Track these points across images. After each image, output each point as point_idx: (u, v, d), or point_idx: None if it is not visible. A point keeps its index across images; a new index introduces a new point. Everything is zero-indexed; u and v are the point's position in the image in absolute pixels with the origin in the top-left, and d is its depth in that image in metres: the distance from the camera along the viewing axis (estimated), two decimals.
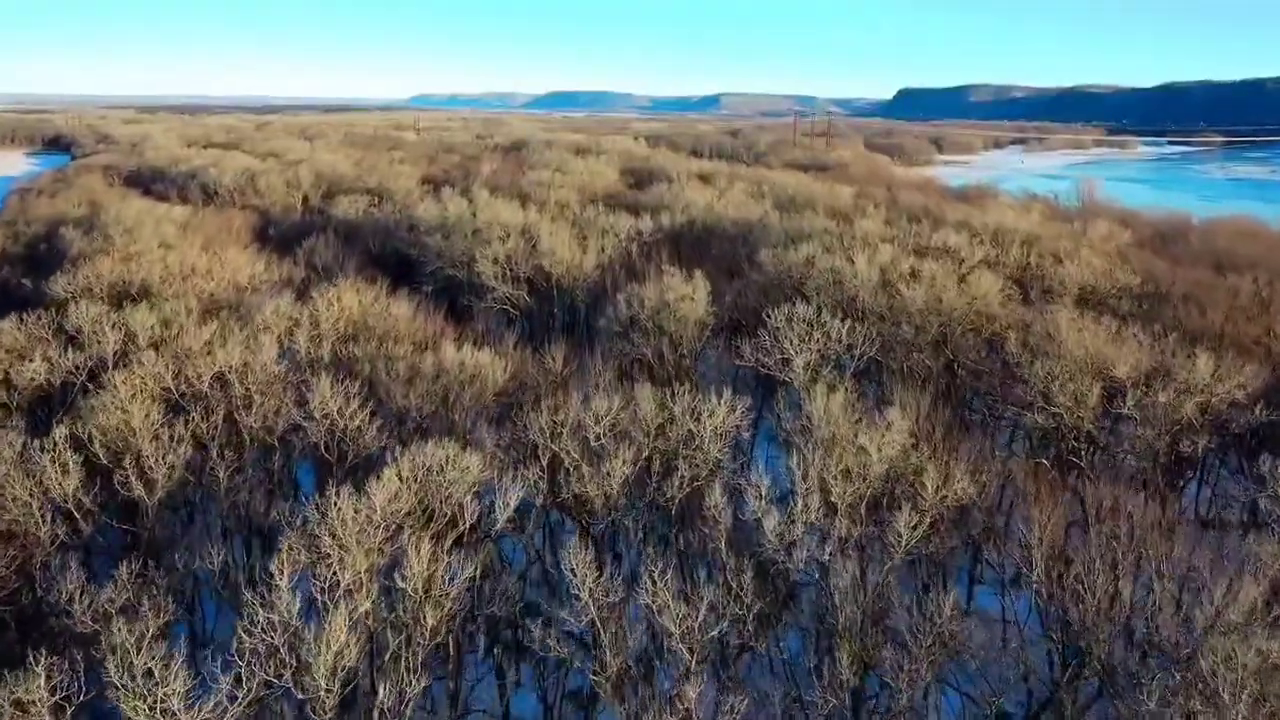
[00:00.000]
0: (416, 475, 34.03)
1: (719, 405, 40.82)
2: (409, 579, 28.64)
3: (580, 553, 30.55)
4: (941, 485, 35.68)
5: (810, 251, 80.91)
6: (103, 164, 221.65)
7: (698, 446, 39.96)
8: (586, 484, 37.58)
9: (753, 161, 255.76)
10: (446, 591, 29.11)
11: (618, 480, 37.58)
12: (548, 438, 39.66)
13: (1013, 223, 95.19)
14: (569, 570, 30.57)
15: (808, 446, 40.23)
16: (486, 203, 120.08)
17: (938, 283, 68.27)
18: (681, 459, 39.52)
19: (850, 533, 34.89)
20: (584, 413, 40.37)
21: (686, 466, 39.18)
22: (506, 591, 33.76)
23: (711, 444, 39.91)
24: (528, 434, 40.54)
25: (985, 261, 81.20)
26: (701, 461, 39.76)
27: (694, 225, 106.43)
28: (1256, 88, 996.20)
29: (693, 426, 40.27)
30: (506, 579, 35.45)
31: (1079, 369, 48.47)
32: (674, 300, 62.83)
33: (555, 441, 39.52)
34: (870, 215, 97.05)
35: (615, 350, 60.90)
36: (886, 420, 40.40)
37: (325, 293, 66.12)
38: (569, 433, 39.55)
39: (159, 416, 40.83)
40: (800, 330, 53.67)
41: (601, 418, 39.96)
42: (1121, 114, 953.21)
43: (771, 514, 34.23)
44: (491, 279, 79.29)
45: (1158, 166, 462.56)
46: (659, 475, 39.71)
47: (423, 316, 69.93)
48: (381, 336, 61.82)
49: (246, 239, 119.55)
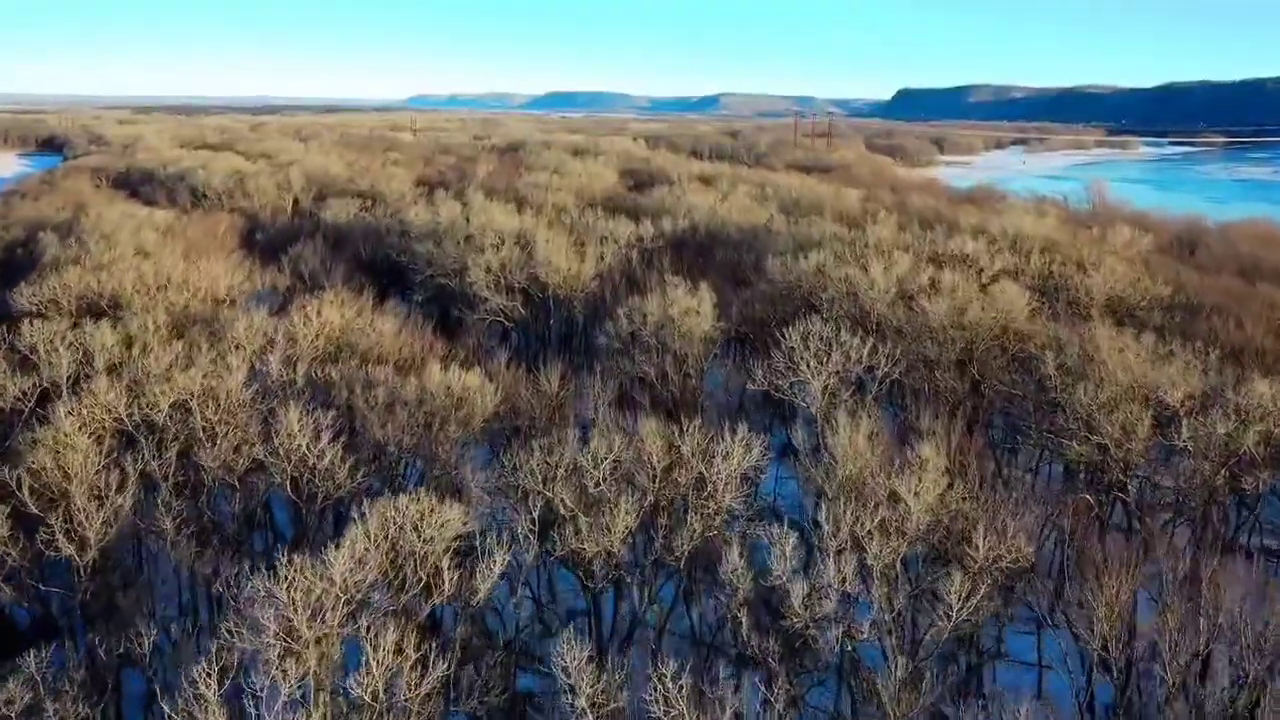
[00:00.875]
0: (388, 532, 29.66)
1: (734, 445, 36.31)
2: (365, 684, 24.19)
3: (574, 647, 26.03)
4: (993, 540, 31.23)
5: (820, 260, 76.56)
6: (92, 165, 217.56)
7: (709, 494, 35.51)
8: (584, 539, 33.16)
9: (753, 163, 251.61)
10: (414, 695, 24.62)
11: (619, 535, 33.16)
12: (540, 481, 35.25)
13: (1030, 228, 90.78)
14: (559, 669, 26.02)
15: (830, 484, 35.89)
16: (481, 206, 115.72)
17: (959, 295, 63.92)
18: (692, 508, 35.08)
19: (889, 602, 30.44)
20: (581, 454, 35.91)
21: (698, 517, 34.72)
22: (488, 684, 29.21)
23: (726, 490, 35.44)
24: (518, 475, 36.09)
25: (1006, 271, 76.86)
26: (714, 511, 35.28)
27: (697, 231, 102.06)
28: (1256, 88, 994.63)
29: (704, 470, 35.84)
30: (490, 659, 30.87)
31: (1125, 394, 44.15)
32: (678, 315, 58.46)
33: (549, 486, 35.11)
34: (881, 221, 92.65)
35: (615, 369, 56.53)
36: (919, 456, 36.00)
37: (305, 306, 61.72)
38: (564, 476, 35.11)
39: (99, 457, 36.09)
40: (816, 350, 49.29)
41: (601, 459, 35.53)
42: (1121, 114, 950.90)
43: (799, 582, 29.83)
44: (484, 289, 74.87)
45: (1160, 167, 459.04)
46: (666, 528, 35.25)
47: (410, 331, 65.53)
48: (364, 355, 57.43)
49: (232, 244, 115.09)
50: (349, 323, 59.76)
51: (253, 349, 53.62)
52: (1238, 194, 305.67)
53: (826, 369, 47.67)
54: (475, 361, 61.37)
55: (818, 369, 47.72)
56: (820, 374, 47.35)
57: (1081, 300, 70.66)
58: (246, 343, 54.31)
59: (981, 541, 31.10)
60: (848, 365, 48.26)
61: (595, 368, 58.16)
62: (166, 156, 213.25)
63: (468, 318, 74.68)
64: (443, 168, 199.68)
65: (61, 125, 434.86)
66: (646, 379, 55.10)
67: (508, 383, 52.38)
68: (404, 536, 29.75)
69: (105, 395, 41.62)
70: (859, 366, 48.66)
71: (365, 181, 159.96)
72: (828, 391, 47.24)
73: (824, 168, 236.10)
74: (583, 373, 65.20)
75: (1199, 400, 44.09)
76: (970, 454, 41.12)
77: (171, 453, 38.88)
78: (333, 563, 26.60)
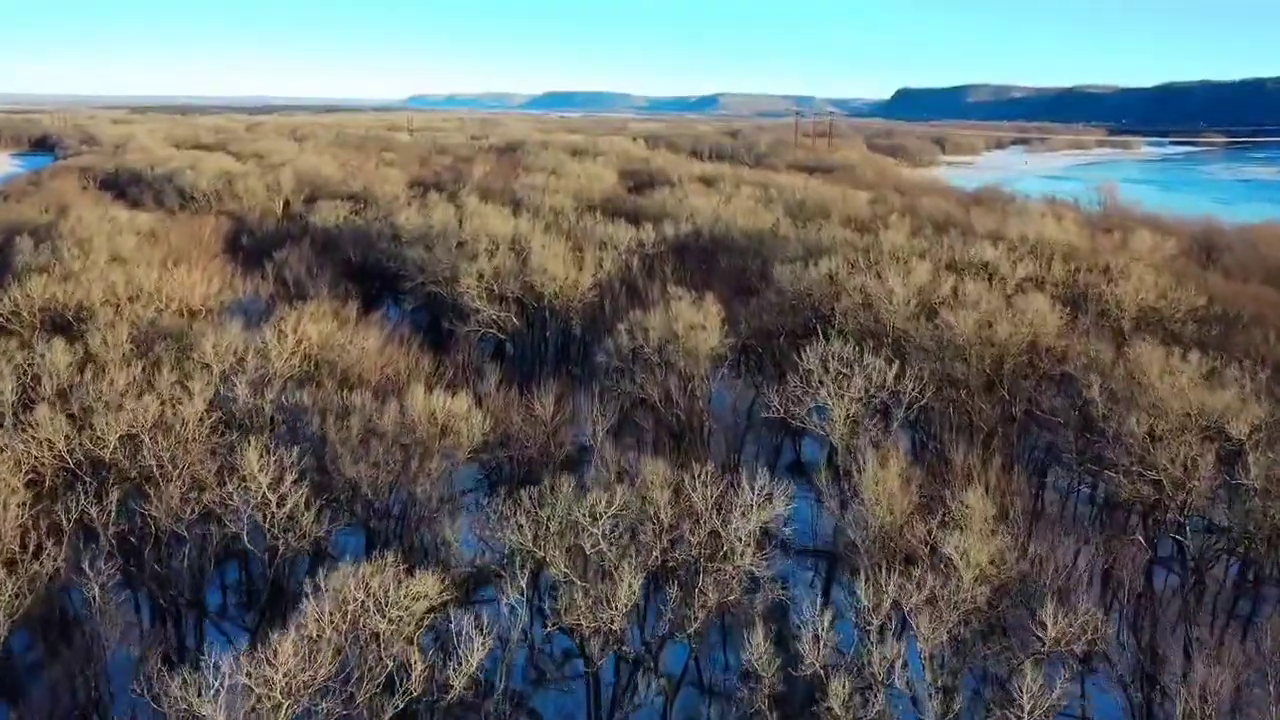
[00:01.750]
0: (347, 612, 25.21)
1: (752, 496, 31.72)
2: None
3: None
4: (1064, 616, 26.71)
5: (832, 268, 72.18)
6: (81, 166, 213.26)
7: (725, 554, 30.99)
8: (581, 613, 28.69)
9: (754, 163, 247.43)
10: None
11: (622, 608, 28.66)
12: (530, 539, 30.81)
13: (1051, 233, 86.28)
14: None
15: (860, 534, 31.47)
16: (475, 210, 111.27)
17: (984, 307, 59.50)
18: (704, 571, 30.56)
19: (947, 704, 25.81)
20: (578, 506, 31.36)
21: (712, 584, 30.19)
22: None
23: (744, 552, 30.87)
24: (504, 531, 31.63)
25: (1029, 279, 72.47)
26: (731, 576, 30.72)
27: (699, 236, 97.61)
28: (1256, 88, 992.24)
29: (719, 528, 31.31)
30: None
31: (1181, 424, 39.83)
32: (683, 330, 54.05)
33: (540, 544, 30.67)
34: (894, 225, 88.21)
35: (615, 390, 52.13)
36: (963, 504, 31.66)
37: (282, 321, 57.30)
38: (558, 533, 30.67)
39: (20, 509, 31.38)
40: (836, 372, 44.88)
41: (600, 514, 31.01)
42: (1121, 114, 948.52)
43: (838, 677, 25.31)
44: (476, 299, 70.38)
45: (1163, 167, 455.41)
46: (678, 599, 30.72)
47: (395, 346, 61.11)
48: (344, 374, 52.98)
49: (216, 249, 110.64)
50: (328, 338, 55.25)
51: (221, 369, 49.16)
52: (1243, 194, 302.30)
53: (848, 394, 43.28)
54: (464, 381, 57.00)
55: (838, 394, 43.32)
56: (841, 399, 42.96)
57: (1111, 312, 66.24)
58: (215, 362, 49.85)
59: (1051, 620, 26.68)
60: (871, 390, 43.86)
61: (593, 387, 53.72)
62: (156, 157, 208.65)
63: (458, 330, 70.22)
64: (438, 168, 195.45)
65: (55, 125, 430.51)
66: (649, 400, 50.72)
67: (498, 407, 47.99)
68: (366, 616, 25.41)
69: (46, 427, 37.20)
70: (884, 392, 44.24)
71: (358, 183, 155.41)
72: (849, 419, 42.84)
73: (826, 168, 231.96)
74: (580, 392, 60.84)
75: (1265, 431, 39.76)
76: (1012, 494, 36.75)
77: (112, 498, 34.36)
78: (275, 657, 22.21)
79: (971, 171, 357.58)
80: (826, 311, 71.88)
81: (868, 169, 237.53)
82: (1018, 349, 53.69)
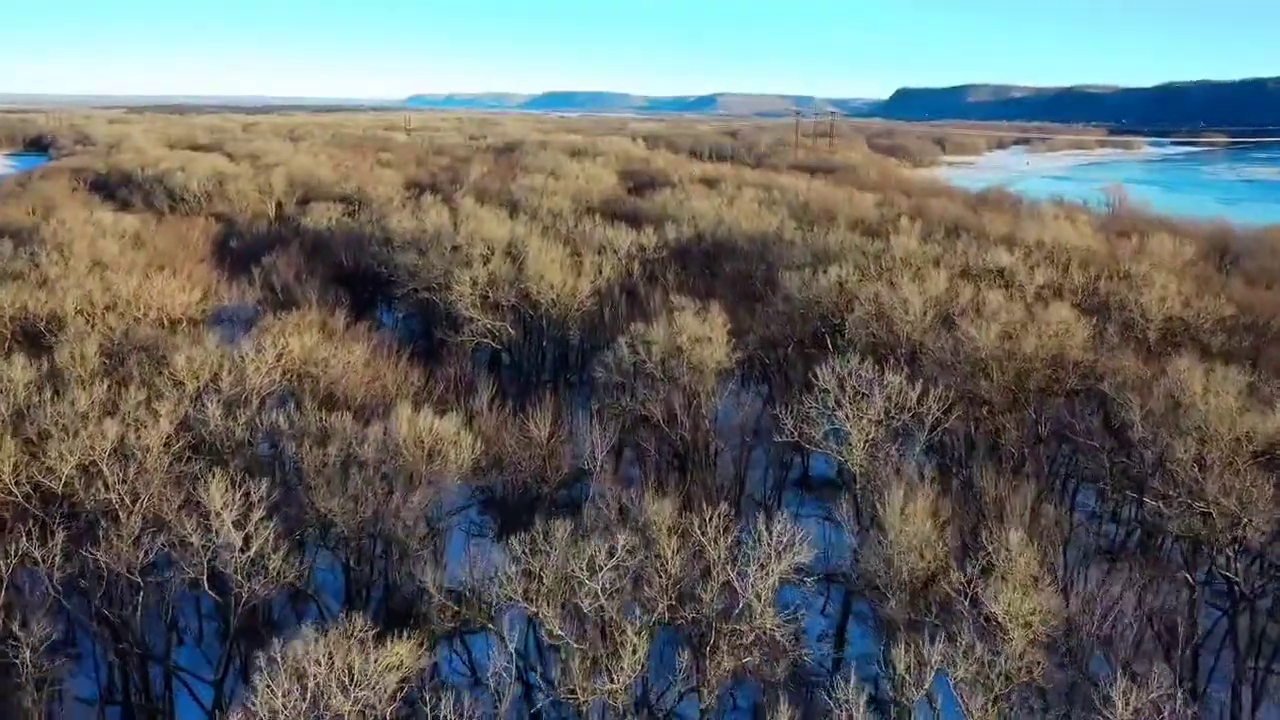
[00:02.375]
0: (305, 689, 21.94)
1: (770, 545, 28.19)
2: None
3: None
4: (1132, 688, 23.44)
5: (842, 275, 68.98)
6: (72, 167, 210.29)
7: (742, 613, 27.63)
8: (578, 682, 25.39)
9: (755, 163, 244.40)
10: None
11: (625, 679, 25.36)
12: (519, 593, 27.51)
13: (1067, 237, 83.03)
14: None
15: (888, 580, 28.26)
16: (471, 212, 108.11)
17: (1004, 318, 56.28)
18: (719, 633, 27.19)
19: None
20: (574, 560, 27.98)
21: (727, 648, 26.82)
22: None
23: (764, 612, 27.47)
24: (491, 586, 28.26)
25: (1049, 287, 69.27)
26: (750, 641, 27.28)
27: (702, 239, 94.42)
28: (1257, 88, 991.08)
29: (735, 582, 27.90)
30: None
31: (1232, 449, 36.67)
32: (688, 344, 50.83)
33: (532, 599, 27.36)
34: (904, 230, 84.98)
35: (615, 408, 48.92)
36: (1004, 548, 28.45)
37: (263, 335, 54.15)
38: (552, 589, 27.35)
39: None
40: (853, 390, 41.63)
41: (600, 566, 27.64)
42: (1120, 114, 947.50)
43: None
44: (470, 308, 67.14)
45: (1165, 167, 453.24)
46: (688, 666, 27.44)
47: (383, 357, 57.88)
48: (327, 391, 49.76)
49: (203, 253, 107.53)
50: (310, 352, 52.00)
51: (195, 386, 45.92)
52: (1247, 194, 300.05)
53: (867, 415, 40.08)
54: (454, 396, 53.81)
55: (856, 415, 40.10)
56: (860, 421, 39.74)
57: (1136, 322, 63.03)
58: (189, 378, 46.61)
59: (1121, 698, 23.32)
60: (892, 411, 40.64)
61: (592, 404, 50.50)
62: (148, 157, 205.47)
63: (450, 340, 67.00)
64: (435, 169, 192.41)
65: (50, 124, 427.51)
66: (651, 418, 47.48)
67: (490, 428, 44.78)
68: (329, 695, 22.19)
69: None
70: (905, 413, 41.01)
71: (352, 184, 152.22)
72: (868, 443, 39.61)
73: (828, 169, 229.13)
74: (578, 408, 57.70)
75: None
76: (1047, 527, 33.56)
77: (58, 539, 31.03)
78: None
79: (973, 172, 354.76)
80: (836, 321, 68.77)
81: (871, 169, 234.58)
82: (1043, 363, 50.49)
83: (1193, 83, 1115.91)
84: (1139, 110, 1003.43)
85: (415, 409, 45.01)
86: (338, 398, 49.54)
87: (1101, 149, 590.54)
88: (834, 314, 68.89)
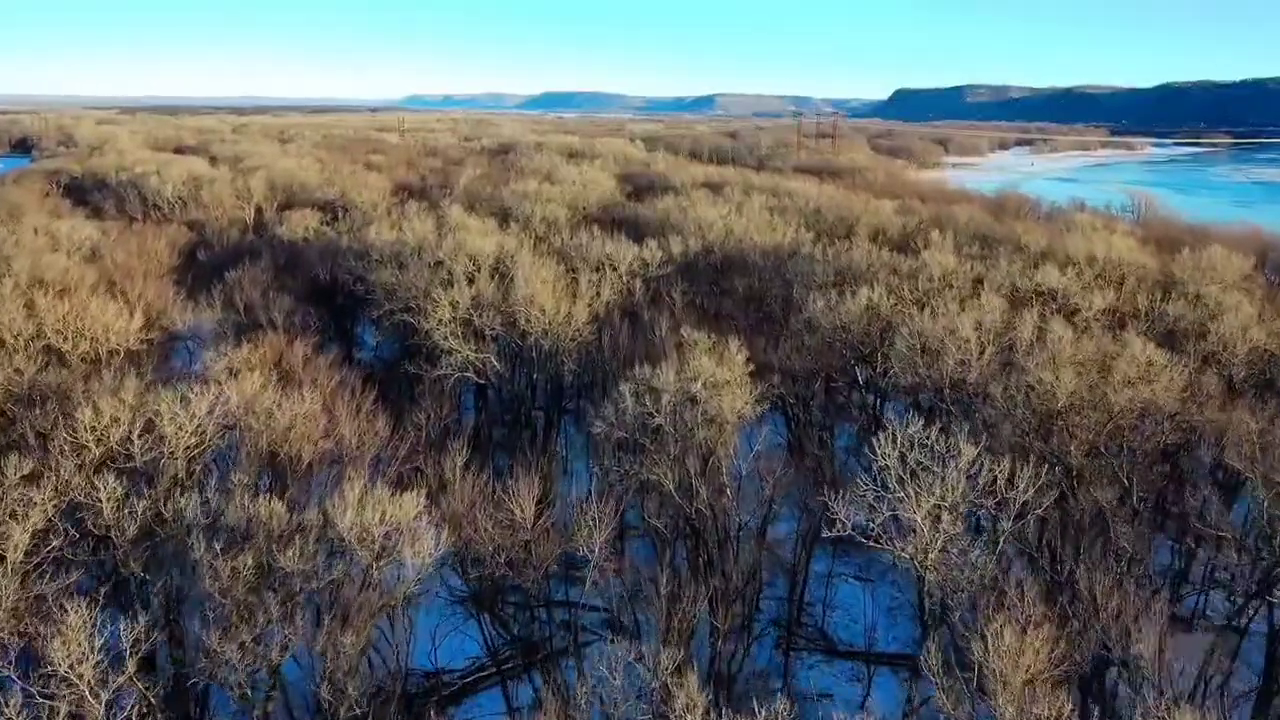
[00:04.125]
0: None
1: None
2: None
3: None
4: None
5: (874, 299, 60.41)
6: (48, 170, 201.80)
7: None
8: None
9: (757, 165, 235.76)
10: None
11: None
12: None
13: (1121, 251, 74.28)
14: None
15: None
16: (458, 222, 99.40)
17: (1069, 353, 47.66)
18: None
19: None
20: None
21: None
22: None
23: None
24: None
25: (1111, 313, 60.70)
26: None
27: (710, 252, 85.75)
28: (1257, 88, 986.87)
29: None
30: None
31: None
32: (703, 391, 42.18)
33: None
34: (936, 244, 76.32)
35: (617, 476, 40.26)
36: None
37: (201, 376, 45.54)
38: None
39: None
40: (917, 466, 32.92)
41: None
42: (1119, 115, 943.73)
43: None
44: (449, 338, 58.33)
45: (1171, 169, 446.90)
46: None
47: (344, 401, 49.13)
48: (270, 452, 41.10)
49: (167, 266, 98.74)
50: (252, 401, 43.24)
51: (99, 454, 37.20)
52: (1261, 197, 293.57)
53: (937, 499, 31.44)
54: (425, 452, 45.14)
55: (922, 500, 31.42)
56: (935, 522, 30.98)
57: (1222, 357, 54.39)
58: (92, 441, 37.88)
59: None
60: (976, 498, 31.95)
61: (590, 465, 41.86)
62: (125, 160, 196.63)
63: (426, 375, 58.24)
64: (426, 172, 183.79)
65: (36, 126, 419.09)
66: (662, 487, 38.79)
67: (462, 504, 36.06)
68: None
69: None
70: (990, 500, 32.28)
71: (335, 189, 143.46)
72: (943, 545, 30.91)
73: (833, 171, 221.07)
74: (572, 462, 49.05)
75: None
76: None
77: None
78: None
79: (978, 174, 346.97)
80: (866, 351, 60.26)
81: (878, 172, 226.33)
82: (1132, 415, 41.80)
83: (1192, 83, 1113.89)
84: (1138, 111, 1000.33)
85: (373, 475, 36.45)
86: (281, 460, 40.88)
87: (1104, 150, 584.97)
88: (864, 342, 60.39)
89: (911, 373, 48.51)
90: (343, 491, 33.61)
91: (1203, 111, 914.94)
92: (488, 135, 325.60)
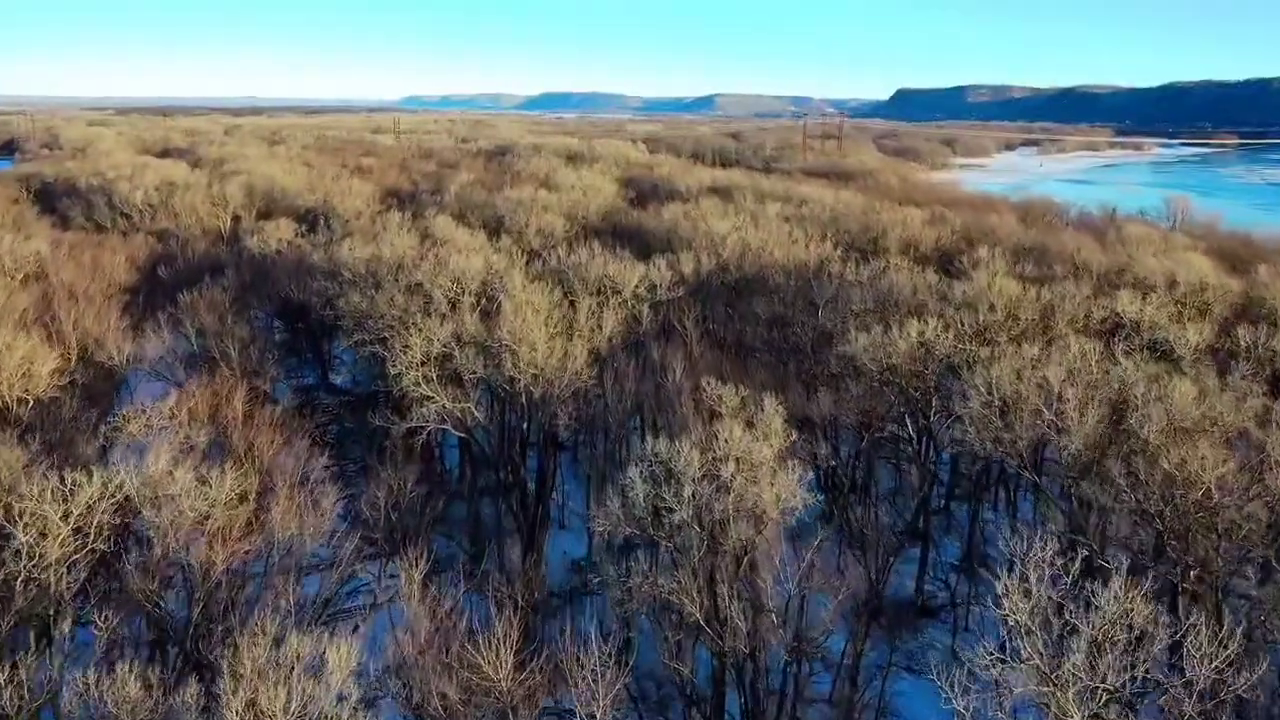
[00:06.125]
0: None
1: None
2: None
3: None
4: None
5: (927, 333, 50.66)
6: (21, 174, 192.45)
7: None
8: None
9: (763, 168, 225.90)
10: None
11: None
12: None
13: (1203, 273, 64.39)
14: None
15: None
16: (445, 234, 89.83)
17: (1184, 409, 37.98)
18: None
19: None
20: None
21: None
22: None
23: None
24: None
25: (1211, 350, 50.98)
26: None
27: (726, 270, 75.95)
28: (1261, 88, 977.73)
29: None
30: None
31: None
32: (735, 475, 32.37)
33: None
34: (986, 264, 66.48)
35: (626, 597, 30.54)
36: None
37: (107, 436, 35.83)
38: None
39: None
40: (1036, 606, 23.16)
41: None
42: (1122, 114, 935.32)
43: None
44: (420, 383, 48.48)
45: (1181, 171, 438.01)
46: None
47: (281, 477, 39.40)
48: (166, 558, 31.44)
49: (121, 285, 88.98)
50: (159, 481, 33.51)
51: None
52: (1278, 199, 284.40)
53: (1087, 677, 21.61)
54: (379, 544, 35.41)
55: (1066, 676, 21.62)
56: (1072, 687, 21.29)
57: None
58: None
59: None
60: (1140, 666, 22.16)
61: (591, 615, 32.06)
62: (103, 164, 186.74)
63: (396, 429, 48.41)
64: (418, 176, 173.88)
65: (24, 127, 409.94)
66: (684, 613, 29.04)
67: (415, 648, 26.31)
68: None
69: None
70: (1146, 664, 22.40)
71: (317, 195, 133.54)
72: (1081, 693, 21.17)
73: (842, 173, 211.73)
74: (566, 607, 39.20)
75: None
76: None
77: None
78: None
79: (988, 175, 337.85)
80: (918, 394, 50.59)
81: (890, 175, 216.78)
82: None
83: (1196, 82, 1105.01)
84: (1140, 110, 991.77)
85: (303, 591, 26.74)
86: (190, 570, 31.14)
87: (1112, 150, 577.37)
88: (914, 385, 50.72)
89: (992, 437, 38.67)
90: (252, 631, 23.96)
91: (1206, 111, 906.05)
92: (485, 137, 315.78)
